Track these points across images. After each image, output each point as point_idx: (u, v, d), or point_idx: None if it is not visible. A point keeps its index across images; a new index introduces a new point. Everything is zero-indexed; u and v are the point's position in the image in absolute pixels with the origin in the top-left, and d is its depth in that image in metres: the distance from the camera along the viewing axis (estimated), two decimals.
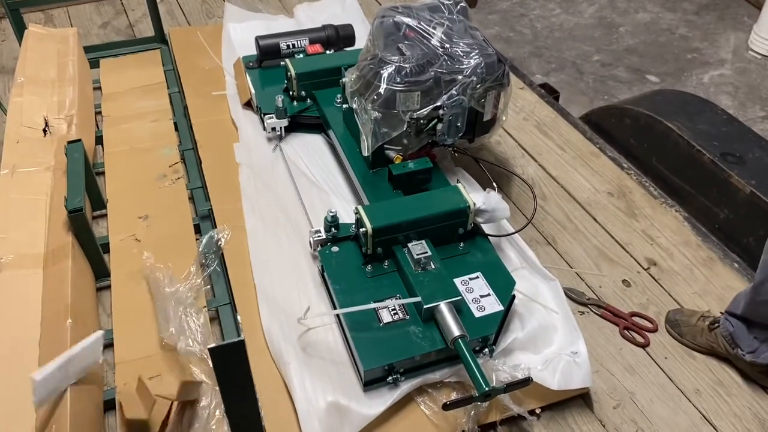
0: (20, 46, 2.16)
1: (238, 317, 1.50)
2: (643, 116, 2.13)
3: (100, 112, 2.18)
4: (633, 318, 1.60)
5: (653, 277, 1.72)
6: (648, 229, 1.86)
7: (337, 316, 1.45)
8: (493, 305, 1.44)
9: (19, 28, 2.29)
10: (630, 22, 4.25)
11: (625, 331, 1.57)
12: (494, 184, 1.70)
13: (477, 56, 1.61)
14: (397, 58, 1.60)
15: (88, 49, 2.39)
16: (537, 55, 3.89)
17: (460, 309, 1.40)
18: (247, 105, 2.11)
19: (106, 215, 1.81)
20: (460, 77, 1.60)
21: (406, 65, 1.58)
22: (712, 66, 3.87)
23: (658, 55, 3.94)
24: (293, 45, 2.14)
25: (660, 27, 4.22)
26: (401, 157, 1.70)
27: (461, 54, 1.61)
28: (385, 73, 1.58)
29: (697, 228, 1.85)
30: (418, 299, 1.38)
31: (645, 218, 1.89)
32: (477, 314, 1.42)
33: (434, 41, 1.64)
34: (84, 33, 2.68)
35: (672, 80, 3.73)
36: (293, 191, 1.83)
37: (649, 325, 1.58)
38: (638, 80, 3.72)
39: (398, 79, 1.58)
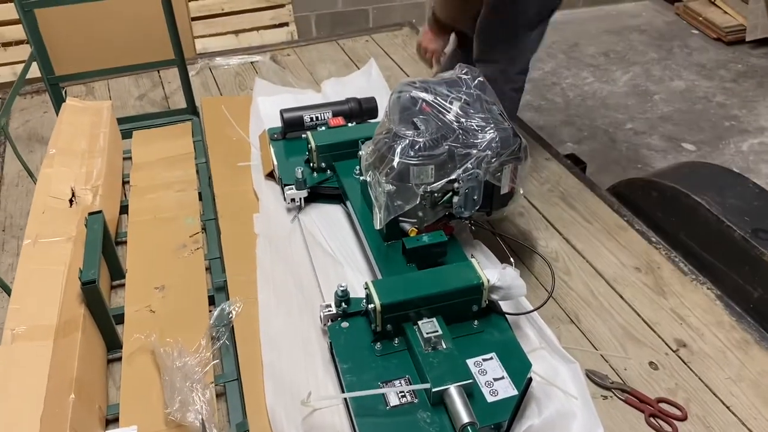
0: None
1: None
2: (670, 189, 2.08)
3: (128, 182, 2.23)
4: (660, 404, 1.50)
5: (682, 360, 1.62)
6: (677, 308, 1.77)
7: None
8: (507, 389, 1.37)
9: (59, 101, 2.39)
10: (665, 90, 4.23)
11: (651, 419, 1.47)
12: (511, 259, 1.66)
13: (492, 131, 1.60)
14: (411, 132, 1.61)
15: (122, 121, 2.47)
16: (569, 123, 3.88)
17: (472, 393, 1.34)
18: (270, 176, 2.14)
19: (124, 285, 1.83)
20: (474, 151, 1.59)
21: (420, 139, 1.58)
22: (751, 134, 3.79)
23: (694, 123, 3.89)
24: (316, 117, 2.18)
25: (696, 95, 4.18)
26: (416, 230, 1.68)
27: (476, 128, 1.61)
28: (399, 147, 1.58)
29: (731, 307, 1.76)
30: (426, 386, 1.32)
31: (674, 296, 1.81)
32: (490, 399, 1.35)
33: (450, 116, 1.64)
34: (121, 104, 2.78)
35: (709, 149, 3.66)
36: (308, 262, 1.81)
37: (678, 412, 1.48)
38: (673, 148, 3.66)
39: (412, 153, 1.58)
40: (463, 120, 1.63)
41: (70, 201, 1.89)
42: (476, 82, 1.76)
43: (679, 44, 4.80)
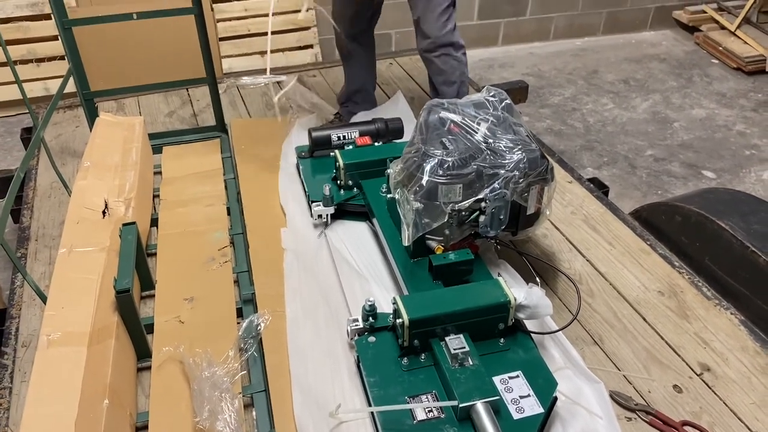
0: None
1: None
2: (694, 214, 2.09)
3: (158, 196, 2.28)
4: (684, 427, 1.50)
5: (707, 384, 1.62)
6: (701, 332, 1.77)
7: None
8: (533, 407, 1.39)
9: (92, 116, 2.45)
10: (685, 118, 4.24)
11: None
12: (537, 279, 1.68)
13: (520, 151, 1.63)
14: (440, 152, 1.64)
15: (153, 136, 2.53)
16: (589, 149, 3.90)
17: (498, 410, 1.35)
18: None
19: (154, 296, 1.86)
20: (502, 171, 1.62)
21: (449, 159, 1.61)
22: None
23: (714, 151, 3.89)
24: (344, 137, 2.22)
25: (716, 123, 4.19)
26: (442, 248, 1.70)
27: (504, 149, 1.64)
28: (428, 165, 1.61)
29: (755, 333, 1.75)
30: (454, 403, 1.33)
31: (698, 320, 1.81)
32: (516, 416, 1.37)
33: (478, 136, 1.67)
34: (151, 120, 2.85)
35: (729, 176, 3.65)
36: (335, 278, 1.84)
37: None
38: (693, 176, 3.66)
39: (440, 172, 1.61)
40: (491, 140, 1.66)
41: (104, 212, 1.93)
42: (503, 104, 1.80)
43: (699, 73, 4.82)
